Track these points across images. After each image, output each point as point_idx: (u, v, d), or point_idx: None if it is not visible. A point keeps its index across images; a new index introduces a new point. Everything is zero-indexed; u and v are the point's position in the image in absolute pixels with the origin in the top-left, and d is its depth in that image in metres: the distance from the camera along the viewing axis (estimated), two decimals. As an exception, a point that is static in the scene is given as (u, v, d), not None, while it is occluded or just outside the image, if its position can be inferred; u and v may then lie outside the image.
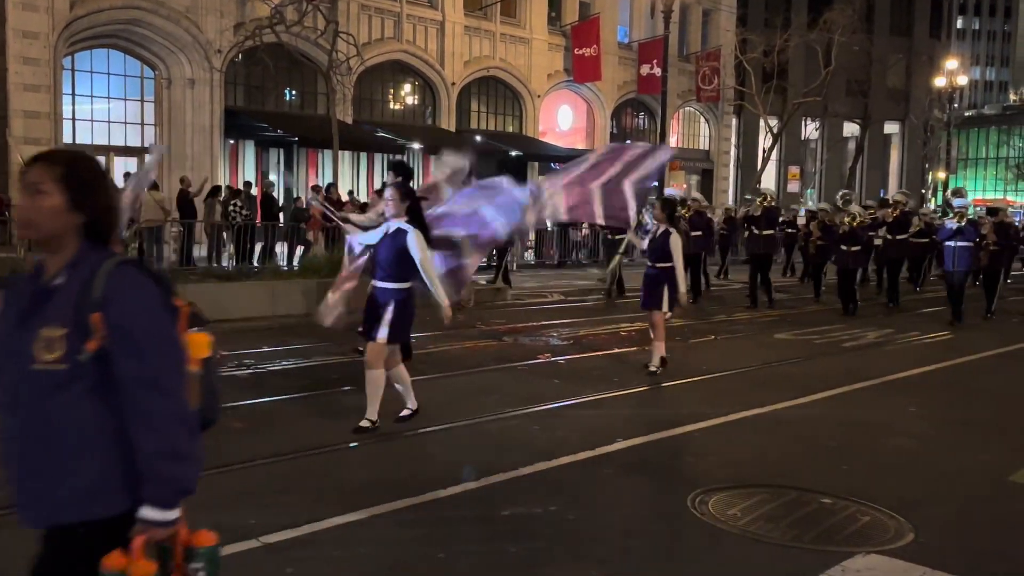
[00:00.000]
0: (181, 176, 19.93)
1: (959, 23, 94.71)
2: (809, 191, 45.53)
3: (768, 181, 40.42)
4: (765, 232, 16.74)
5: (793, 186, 44.43)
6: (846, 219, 16.07)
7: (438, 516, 5.28)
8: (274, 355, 10.14)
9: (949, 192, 26.21)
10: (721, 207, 24.95)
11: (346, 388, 8.50)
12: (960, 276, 14.94)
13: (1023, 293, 20.95)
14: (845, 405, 8.85)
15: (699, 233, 17.02)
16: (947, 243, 14.91)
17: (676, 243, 9.56)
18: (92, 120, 23.76)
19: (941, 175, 45.36)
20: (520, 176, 31.24)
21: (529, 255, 25.02)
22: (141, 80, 24.51)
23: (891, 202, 19.17)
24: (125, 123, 24.32)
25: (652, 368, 9.70)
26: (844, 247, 15.77)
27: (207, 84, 24.34)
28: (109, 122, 24.08)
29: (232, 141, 26.43)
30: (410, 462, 6.39)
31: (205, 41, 23.97)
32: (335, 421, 7.33)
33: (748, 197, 20.79)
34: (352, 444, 6.69)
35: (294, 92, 27.28)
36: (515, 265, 20.91)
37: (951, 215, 16.24)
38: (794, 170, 43.54)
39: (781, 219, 19.27)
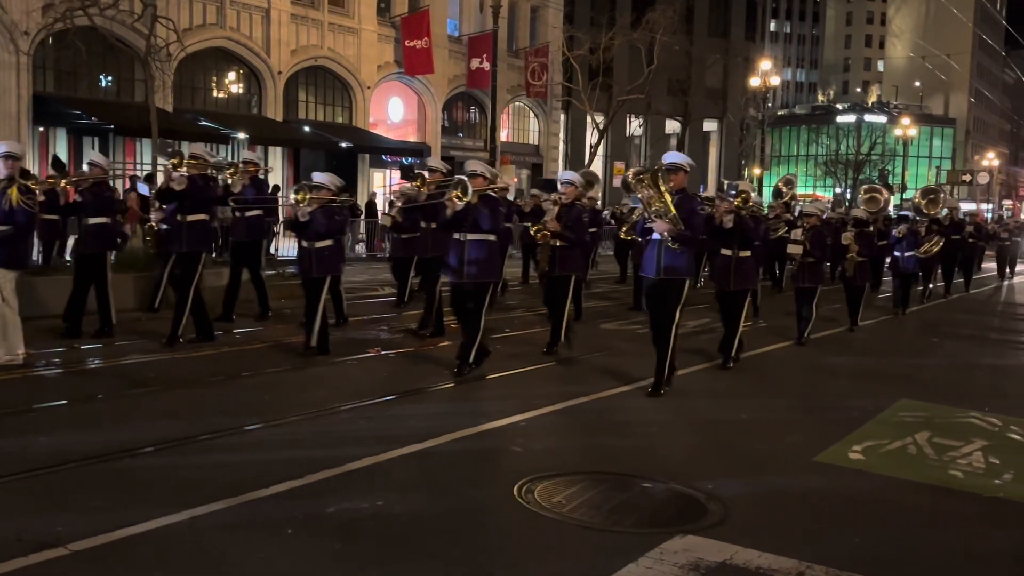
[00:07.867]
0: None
1: (772, 26, 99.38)
2: (633, 185, 46.90)
3: (595, 176, 41.38)
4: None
5: (618, 181, 45.66)
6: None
7: (261, 516, 5.14)
8: (83, 355, 9.64)
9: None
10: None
11: (158, 388, 8.18)
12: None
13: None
14: (664, 393, 9.15)
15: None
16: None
17: None
18: None
19: (757, 171, 47.43)
20: (351, 167, 31.17)
21: (360, 248, 24.72)
22: (-63, 62, 22.86)
23: None
24: (-81, 108, 22.63)
25: None
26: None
27: (13, 68, 22.89)
28: (-100, 106, 22.36)
29: (42, 128, 25.00)
30: (231, 461, 6.17)
31: (10, 22, 22.54)
32: (149, 422, 7.03)
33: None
34: (165, 444, 6.43)
35: (110, 78, 26.02)
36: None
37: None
38: (619, 165, 44.77)
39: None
